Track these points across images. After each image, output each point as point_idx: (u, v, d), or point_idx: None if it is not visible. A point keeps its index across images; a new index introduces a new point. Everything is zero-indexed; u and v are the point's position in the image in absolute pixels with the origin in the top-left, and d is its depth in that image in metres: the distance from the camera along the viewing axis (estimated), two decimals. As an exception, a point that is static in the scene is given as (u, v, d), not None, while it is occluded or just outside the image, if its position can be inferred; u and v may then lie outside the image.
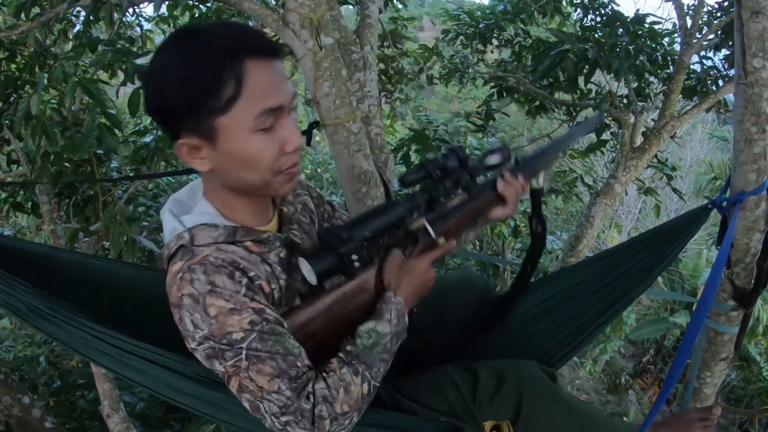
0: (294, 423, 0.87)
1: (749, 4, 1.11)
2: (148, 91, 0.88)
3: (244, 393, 0.88)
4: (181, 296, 0.86)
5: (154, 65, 0.87)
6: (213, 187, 0.96)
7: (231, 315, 0.85)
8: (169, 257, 0.92)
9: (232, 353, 0.86)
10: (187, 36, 0.86)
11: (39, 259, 1.18)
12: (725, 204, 1.25)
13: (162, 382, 1.02)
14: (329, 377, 0.91)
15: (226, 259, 0.88)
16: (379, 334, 0.95)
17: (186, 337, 0.89)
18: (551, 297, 1.29)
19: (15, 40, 2.49)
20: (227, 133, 0.86)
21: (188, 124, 0.86)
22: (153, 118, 0.92)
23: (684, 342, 1.13)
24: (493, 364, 1.14)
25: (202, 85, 0.83)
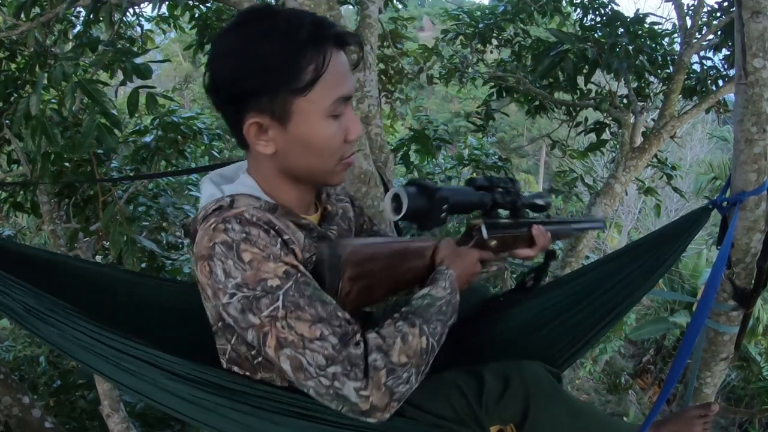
0: (343, 375, 0.80)
1: (749, 4, 1.11)
2: (219, 69, 0.87)
3: (284, 349, 0.81)
4: (213, 245, 0.83)
5: (231, 43, 0.86)
6: (264, 169, 0.95)
7: (266, 262, 0.82)
8: (202, 219, 0.90)
9: (268, 300, 0.81)
10: (267, 16, 0.86)
11: (39, 262, 1.18)
12: (725, 204, 1.24)
13: (158, 386, 0.99)
14: (382, 329, 0.86)
15: (261, 218, 0.85)
16: (433, 297, 0.95)
17: (216, 292, 0.84)
18: (555, 303, 1.28)
19: (15, 40, 2.49)
20: (302, 115, 0.87)
21: (262, 104, 0.86)
22: (217, 97, 0.90)
23: (684, 342, 1.13)
24: (498, 367, 1.12)
25: (285, 64, 0.84)
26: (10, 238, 3.77)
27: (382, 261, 1.00)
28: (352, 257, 0.95)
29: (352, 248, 0.95)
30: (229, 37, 0.87)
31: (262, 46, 0.84)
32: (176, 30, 4.16)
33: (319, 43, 0.85)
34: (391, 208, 0.99)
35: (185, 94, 17.13)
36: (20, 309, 1.05)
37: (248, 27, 0.86)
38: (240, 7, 2.12)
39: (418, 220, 1.01)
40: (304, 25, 0.85)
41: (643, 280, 1.24)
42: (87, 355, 1.03)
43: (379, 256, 1.00)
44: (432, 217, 1.00)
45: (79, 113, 2.53)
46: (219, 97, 0.89)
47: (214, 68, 0.88)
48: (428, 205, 0.99)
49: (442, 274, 1.00)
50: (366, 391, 0.80)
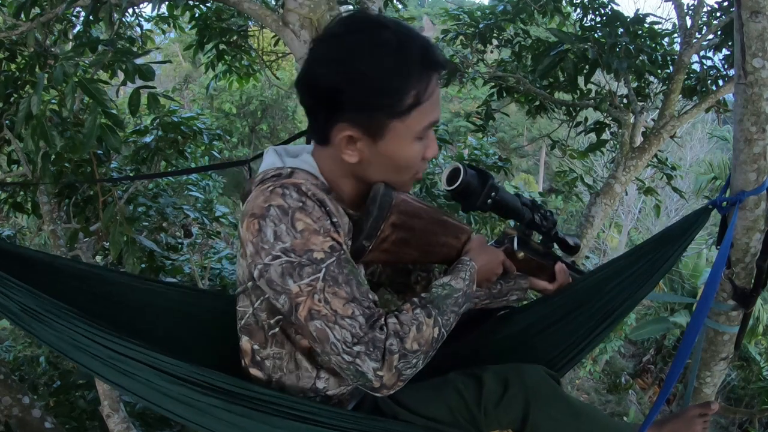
0: (365, 355, 0.85)
1: (749, 4, 1.11)
2: (323, 74, 0.88)
3: (315, 320, 0.86)
4: (269, 206, 0.86)
5: (339, 50, 0.87)
6: (333, 164, 0.97)
7: (316, 234, 0.86)
8: (260, 182, 0.93)
9: (311, 270, 0.86)
10: (379, 28, 0.87)
11: (36, 263, 1.19)
12: (725, 204, 1.24)
13: (153, 387, 0.99)
14: (401, 314, 0.91)
15: (317, 195, 0.89)
16: (452, 288, 0.99)
17: (259, 251, 0.87)
18: (557, 307, 1.28)
19: (15, 40, 2.48)
20: (395, 135, 0.90)
21: (359, 117, 0.88)
22: (311, 97, 0.92)
23: (684, 342, 1.13)
24: (498, 370, 1.12)
25: (391, 87, 0.86)
26: (10, 239, 3.78)
27: (424, 223, 1.04)
28: (402, 205, 0.99)
29: (404, 198, 0.99)
30: (338, 44, 0.88)
31: (372, 62, 0.85)
32: (176, 30, 4.16)
33: (426, 68, 0.88)
34: (447, 177, 1.07)
35: (185, 94, 17.13)
36: (17, 309, 1.05)
37: (358, 36, 0.87)
38: (240, 7, 2.12)
39: (466, 197, 1.09)
40: (414, 48, 0.87)
41: (643, 282, 1.24)
42: (83, 356, 1.03)
43: (424, 216, 1.04)
44: (478, 199, 1.08)
45: (79, 113, 2.53)
46: (313, 98, 0.91)
47: (318, 72, 0.88)
48: (480, 188, 1.08)
49: (465, 265, 1.05)
50: (381, 371, 0.86)
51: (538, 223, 1.21)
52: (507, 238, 1.22)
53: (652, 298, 1.31)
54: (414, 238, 1.03)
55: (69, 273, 1.24)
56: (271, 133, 15.72)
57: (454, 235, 1.10)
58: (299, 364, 1.01)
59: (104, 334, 1.01)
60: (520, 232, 1.22)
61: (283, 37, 2.00)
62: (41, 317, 1.04)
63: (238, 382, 0.97)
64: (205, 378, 0.96)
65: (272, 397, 0.97)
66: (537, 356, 1.25)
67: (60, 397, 3.66)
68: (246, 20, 3.88)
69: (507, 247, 1.20)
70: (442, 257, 1.11)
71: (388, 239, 0.99)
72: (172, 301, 1.32)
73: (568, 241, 1.28)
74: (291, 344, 1.01)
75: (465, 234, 1.12)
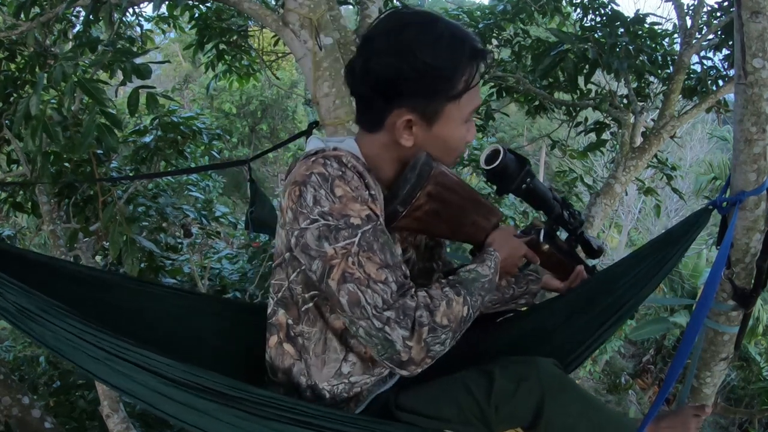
0: (395, 322, 0.87)
1: (749, 4, 1.11)
2: (382, 64, 0.93)
3: (347, 283, 0.88)
4: (310, 174, 0.91)
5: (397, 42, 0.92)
6: (379, 149, 1.01)
7: (354, 202, 0.91)
8: (304, 157, 0.97)
9: (347, 233, 0.89)
10: (433, 23, 0.94)
11: (35, 265, 1.18)
12: (725, 204, 1.24)
13: (149, 389, 0.99)
14: (431, 290, 0.93)
15: (357, 167, 0.94)
16: (479, 273, 1.02)
17: (297, 216, 0.91)
18: (563, 308, 1.29)
19: (15, 40, 2.49)
20: (448, 119, 0.97)
21: (418, 103, 0.95)
22: (368, 87, 0.96)
23: (683, 342, 1.12)
24: (510, 364, 1.10)
25: (448, 74, 0.93)
26: (10, 239, 3.77)
27: (459, 198, 1.06)
28: (440, 177, 1.01)
29: (443, 170, 1.02)
30: (396, 37, 0.93)
31: (430, 52, 0.92)
32: (176, 30, 4.16)
33: (474, 59, 0.96)
34: (486, 158, 1.11)
35: (185, 94, 17.12)
36: (13, 309, 1.04)
37: (415, 30, 0.93)
38: (240, 7, 2.12)
39: (502, 179, 1.12)
40: (467, 41, 0.95)
41: (647, 281, 1.25)
42: (81, 357, 1.02)
43: (459, 192, 1.06)
44: (513, 182, 1.12)
45: (78, 113, 2.53)
46: (372, 87, 0.96)
47: (376, 61, 0.94)
48: (516, 172, 1.11)
49: (490, 255, 1.08)
50: (410, 341, 0.87)
51: (566, 220, 1.23)
52: (534, 230, 1.24)
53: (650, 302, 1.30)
54: (446, 211, 1.05)
55: (66, 275, 1.23)
56: (271, 133, 15.71)
57: (485, 216, 1.12)
58: (328, 344, 1.03)
59: (99, 335, 1.00)
60: (547, 226, 1.23)
61: (283, 37, 2.00)
62: (37, 318, 1.03)
63: (236, 384, 0.97)
64: (201, 380, 0.95)
65: (270, 400, 0.96)
66: (546, 355, 1.25)
67: (60, 397, 3.66)
68: (246, 20, 3.88)
69: (533, 238, 1.22)
70: (469, 236, 1.13)
71: (422, 208, 1.01)
72: (171, 304, 1.32)
73: (592, 244, 1.29)
74: (323, 322, 1.02)
75: (495, 217, 1.14)
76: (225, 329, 1.33)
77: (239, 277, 4.51)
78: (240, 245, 6.06)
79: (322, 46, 1.89)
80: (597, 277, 1.32)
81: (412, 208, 1.00)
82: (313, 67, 1.88)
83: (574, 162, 6.44)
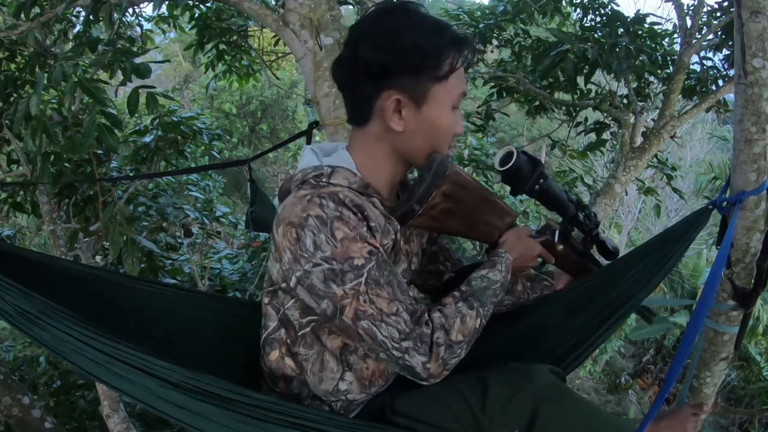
0: (413, 350, 0.91)
1: (749, 4, 1.10)
2: (370, 46, 0.96)
3: (362, 320, 0.91)
4: (307, 216, 0.91)
5: (383, 25, 0.96)
6: (372, 148, 1.03)
7: (354, 242, 0.92)
8: (300, 182, 0.99)
9: (353, 275, 0.91)
10: (417, 12, 0.98)
11: (34, 265, 1.18)
12: (725, 204, 1.24)
13: (149, 391, 0.99)
14: (445, 308, 0.96)
15: (354, 201, 0.95)
16: (490, 280, 1.05)
17: (298, 258, 0.92)
18: (561, 307, 1.28)
19: (15, 40, 2.49)
20: (436, 101, 0.99)
21: (404, 83, 0.96)
22: (357, 70, 0.98)
23: (683, 342, 1.12)
24: (505, 372, 1.10)
25: (431, 53, 0.95)
26: (10, 239, 3.77)
27: (473, 198, 1.08)
28: (455, 176, 1.03)
29: (458, 170, 1.04)
30: (382, 21, 0.97)
31: (415, 33, 0.95)
32: (176, 30, 4.16)
33: (457, 45, 0.98)
34: (500, 159, 1.12)
35: (185, 94, 17.13)
36: (13, 312, 1.04)
37: (400, 14, 0.97)
38: (240, 7, 2.12)
39: (515, 180, 1.13)
40: (448, 29, 0.98)
41: (646, 281, 1.24)
42: (80, 359, 1.02)
43: (473, 192, 1.08)
44: (527, 183, 1.13)
45: (78, 113, 2.53)
46: (360, 70, 0.98)
47: (364, 45, 0.96)
48: (530, 173, 1.12)
49: (501, 257, 1.10)
50: (429, 364, 0.92)
51: (582, 221, 1.24)
52: (549, 230, 1.25)
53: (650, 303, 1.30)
54: (461, 210, 1.07)
55: (67, 274, 1.23)
56: (271, 133, 15.71)
57: (499, 215, 1.14)
58: (325, 365, 1.04)
59: (99, 338, 1.00)
60: (562, 226, 1.24)
61: (283, 37, 2.00)
62: (37, 320, 1.03)
63: (234, 388, 0.96)
64: (199, 384, 0.95)
65: (269, 404, 0.96)
66: (545, 353, 1.24)
67: (60, 397, 3.66)
68: (246, 20, 3.88)
69: (547, 239, 1.23)
70: (483, 235, 1.15)
71: (437, 207, 1.03)
72: (171, 302, 1.31)
73: (607, 245, 1.30)
74: (320, 345, 1.03)
75: (509, 217, 1.15)
76: (225, 327, 1.33)
77: (239, 277, 4.51)
78: (240, 245, 6.06)
79: (323, 46, 1.89)
80: (597, 275, 1.31)
81: (428, 206, 1.02)
82: (313, 67, 1.88)
83: (574, 162, 6.44)
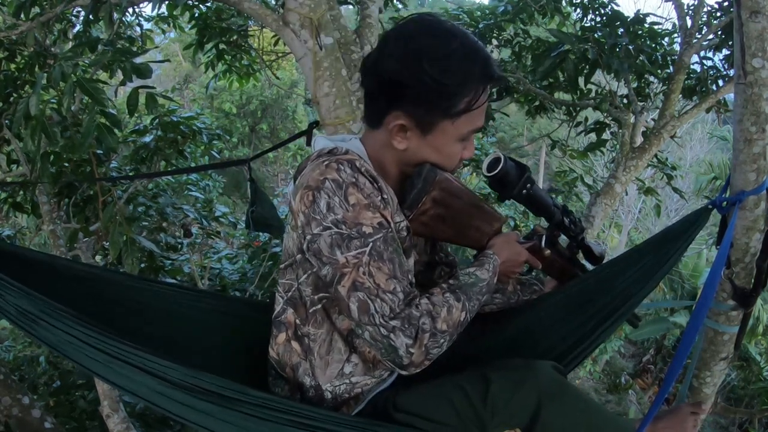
0: (400, 330, 0.90)
1: (748, 4, 1.10)
2: (393, 67, 0.96)
3: (357, 291, 0.91)
4: (324, 179, 0.92)
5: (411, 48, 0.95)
6: (381, 150, 1.04)
7: (366, 210, 0.92)
8: (315, 156, 0.99)
9: (359, 243, 0.91)
10: (451, 35, 0.96)
11: (35, 264, 1.18)
12: (725, 204, 1.24)
13: (151, 390, 1.00)
14: (432, 296, 0.97)
15: (370, 171, 0.96)
16: (478, 277, 1.05)
17: (310, 221, 0.92)
18: (560, 306, 1.28)
19: (15, 40, 2.49)
20: (442, 133, 1.00)
21: (415, 111, 0.97)
22: (376, 84, 0.99)
23: (683, 342, 1.12)
24: (507, 368, 1.10)
25: (450, 92, 0.95)
26: (10, 239, 3.77)
27: (462, 203, 1.10)
28: (444, 183, 1.05)
29: (447, 176, 1.06)
30: (413, 41, 0.96)
31: (437, 66, 0.94)
32: (176, 30, 4.16)
33: (482, 81, 0.97)
34: (488, 165, 1.14)
35: (185, 94, 17.12)
36: (15, 311, 1.05)
37: (430, 41, 0.95)
38: (240, 7, 2.12)
39: (502, 185, 1.15)
40: (477, 61, 0.96)
41: (646, 281, 1.24)
42: (82, 357, 1.03)
43: (463, 198, 1.10)
44: (514, 189, 1.15)
45: (78, 113, 2.53)
46: (378, 85, 0.99)
47: (388, 64, 0.97)
48: (517, 178, 1.14)
49: (489, 258, 1.11)
50: (413, 348, 0.91)
51: (567, 227, 1.25)
52: (536, 236, 1.27)
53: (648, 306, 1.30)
54: (451, 216, 1.09)
55: (67, 273, 1.23)
56: (271, 133, 15.70)
57: (488, 221, 1.16)
58: (333, 345, 1.05)
59: (100, 337, 1.01)
60: (548, 232, 1.26)
61: (283, 37, 2.00)
62: (38, 320, 1.04)
63: (235, 386, 0.97)
64: (200, 383, 0.96)
65: (269, 402, 0.97)
66: (543, 353, 1.24)
67: (60, 397, 3.66)
68: (246, 20, 3.88)
69: (535, 244, 1.25)
70: (473, 240, 1.16)
71: (427, 213, 1.05)
72: (172, 301, 1.32)
73: (593, 249, 1.31)
74: (330, 323, 1.04)
75: (498, 222, 1.17)
76: (226, 326, 1.33)
77: (239, 277, 4.51)
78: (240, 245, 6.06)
79: (323, 45, 1.89)
80: (593, 275, 1.31)
81: (418, 212, 1.04)
82: (314, 67, 1.88)
83: (574, 162, 6.44)
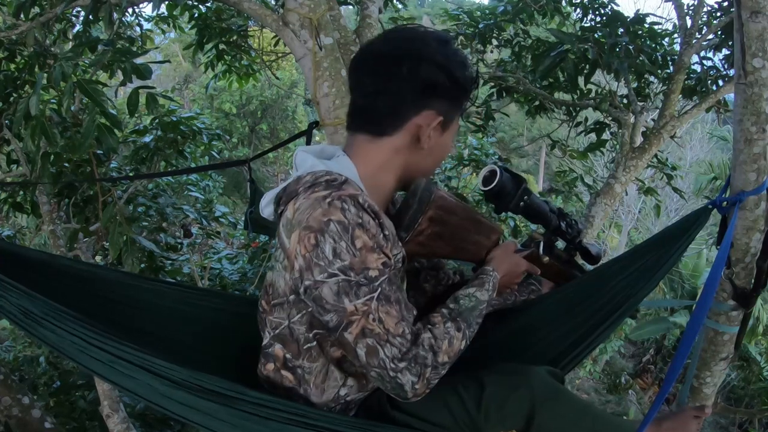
0: (407, 370, 0.90)
1: (749, 4, 1.10)
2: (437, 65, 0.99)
3: (366, 338, 0.89)
4: (328, 221, 0.87)
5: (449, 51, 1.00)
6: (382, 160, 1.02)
7: (372, 252, 0.89)
8: (310, 184, 0.93)
9: (367, 289, 0.88)
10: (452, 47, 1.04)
11: (36, 264, 1.18)
12: (725, 204, 1.24)
13: (153, 390, 1.00)
14: (435, 328, 0.96)
15: (372, 206, 0.92)
16: (478, 299, 1.05)
17: (312, 266, 0.88)
18: (558, 306, 1.29)
19: (15, 40, 2.49)
20: (452, 128, 1.06)
21: (445, 108, 1.01)
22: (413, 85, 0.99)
23: (683, 342, 1.12)
24: (502, 372, 1.11)
25: (469, 86, 1.04)
26: (10, 239, 3.77)
27: (459, 219, 1.09)
28: (440, 201, 1.04)
29: (442, 194, 1.05)
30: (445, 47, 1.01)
31: (463, 67, 1.02)
32: (176, 30, 4.16)
33: (475, 83, 1.07)
34: (483, 178, 1.15)
35: (185, 94, 17.12)
36: (17, 312, 1.05)
37: (456, 48, 1.03)
38: (240, 7, 2.12)
39: (499, 198, 1.15)
40: (470, 67, 1.05)
41: (645, 281, 1.24)
42: (84, 358, 1.03)
43: (459, 214, 1.09)
44: (511, 201, 1.15)
45: (78, 113, 2.53)
46: (411, 86, 0.99)
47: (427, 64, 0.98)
48: (513, 191, 1.14)
49: (489, 275, 1.11)
50: (417, 384, 0.92)
51: (564, 231, 1.25)
52: (534, 243, 1.26)
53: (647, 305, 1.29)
54: (448, 233, 1.08)
55: (68, 273, 1.24)
56: (271, 133, 15.71)
57: (485, 234, 1.15)
58: (329, 375, 1.03)
59: (102, 338, 1.01)
60: (546, 238, 1.25)
61: (283, 37, 2.00)
62: (40, 320, 1.04)
63: (235, 386, 0.97)
64: (201, 382, 0.96)
65: (269, 402, 0.97)
66: (541, 353, 1.25)
67: (60, 397, 3.66)
68: (246, 20, 3.88)
69: (533, 252, 1.24)
70: (471, 255, 1.16)
71: (424, 233, 1.04)
72: (173, 300, 1.32)
73: (590, 251, 1.31)
74: (324, 357, 1.02)
75: (496, 234, 1.17)
76: (226, 325, 1.33)
77: (239, 277, 4.51)
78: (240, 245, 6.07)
79: (322, 46, 1.89)
80: (591, 276, 1.31)
81: (415, 233, 1.03)
82: (313, 67, 1.88)
83: (574, 162, 6.45)
